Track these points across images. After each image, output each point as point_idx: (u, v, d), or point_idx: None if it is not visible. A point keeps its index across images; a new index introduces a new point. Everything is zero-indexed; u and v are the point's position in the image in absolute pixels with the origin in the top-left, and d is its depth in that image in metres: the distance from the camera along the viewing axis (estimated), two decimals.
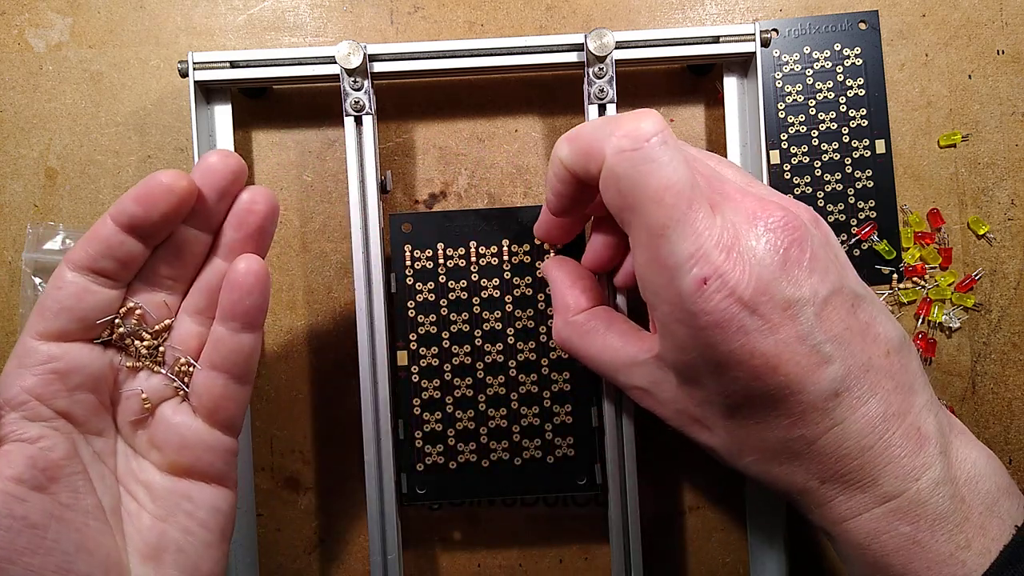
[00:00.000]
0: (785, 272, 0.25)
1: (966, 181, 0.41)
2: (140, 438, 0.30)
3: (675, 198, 0.25)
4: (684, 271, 0.25)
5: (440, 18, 0.41)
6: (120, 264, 0.28)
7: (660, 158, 0.25)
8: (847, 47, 0.40)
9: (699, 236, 0.25)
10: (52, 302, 0.27)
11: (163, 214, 0.28)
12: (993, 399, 0.40)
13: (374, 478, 0.35)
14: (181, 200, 0.28)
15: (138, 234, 0.28)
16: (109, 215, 0.28)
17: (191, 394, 0.30)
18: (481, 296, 0.37)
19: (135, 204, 0.27)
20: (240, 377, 0.30)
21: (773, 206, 0.26)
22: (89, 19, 0.40)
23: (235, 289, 0.29)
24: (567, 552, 0.40)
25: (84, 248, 0.28)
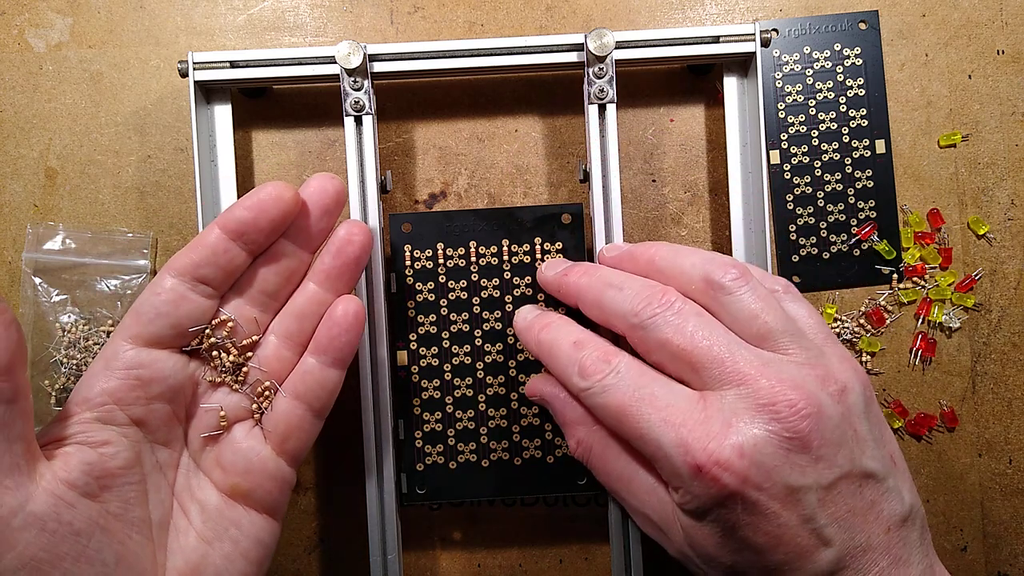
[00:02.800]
0: (789, 461, 0.25)
1: (966, 181, 0.41)
2: (207, 455, 0.30)
3: (636, 411, 0.27)
4: (676, 459, 0.26)
5: (440, 18, 0.41)
6: (222, 272, 0.28)
7: (609, 386, 0.28)
8: (847, 47, 0.40)
9: (678, 428, 0.26)
10: (149, 307, 0.28)
11: (271, 220, 0.28)
12: (993, 399, 0.40)
13: (374, 478, 0.35)
14: (289, 209, 0.29)
15: (244, 241, 0.28)
16: (217, 223, 0.28)
17: (265, 419, 0.30)
18: (481, 296, 0.37)
19: (245, 211, 0.28)
20: (318, 411, 0.31)
21: (786, 387, 0.26)
22: (89, 19, 0.40)
23: (336, 325, 0.30)
24: (567, 552, 0.40)
25: (188, 255, 0.28)
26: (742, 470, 0.25)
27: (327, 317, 0.30)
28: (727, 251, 0.40)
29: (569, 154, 0.41)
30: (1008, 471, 0.40)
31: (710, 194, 0.41)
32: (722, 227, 0.40)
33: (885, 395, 0.40)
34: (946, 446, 0.40)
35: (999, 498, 0.40)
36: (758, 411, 0.26)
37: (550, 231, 0.37)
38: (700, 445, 0.25)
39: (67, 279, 0.40)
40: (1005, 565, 0.40)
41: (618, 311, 0.29)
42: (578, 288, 0.32)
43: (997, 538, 0.40)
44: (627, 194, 0.41)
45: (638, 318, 0.28)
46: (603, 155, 0.36)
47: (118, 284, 0.40)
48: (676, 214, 0.41)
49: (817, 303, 0.41)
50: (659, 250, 0.31)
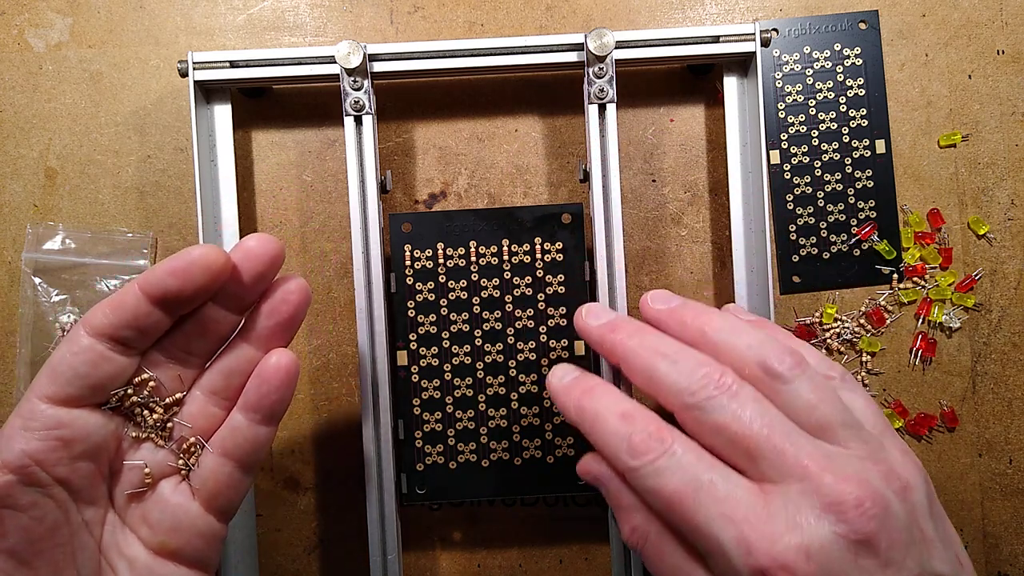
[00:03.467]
0: (857, 565, 0.23)
1: (966, 181, 0.41)
2: (133, 511, 0.28)
3: (693, 501, 0.25)
4: (737, 560, 0.24)
5: (440, 18, 0.41)
6: (142, 334, 0.27)
7: (663, 468, 0.26)
8: (847, 47, 0.40)
9: (739, 524, 0.24)
10: (66, 367, 0.26)
11: (197, 288, 0.27)
12: (993, 399, 0.40)
13: (374, 478, 0.35)
14: (216, 276, 0.27)
15: (166, 307, 0.27)
16: (139, 286, 0.26)
17: (193, 476, 0.29)
18: (481, 296, 0.37)
19: (170, 277, 0.26)
20: (248, 468, 0.29)
21: (852, 487, 0.24)
22: (89, 19, 0.40)
23: (264, 383, 0.28)
24: (567, 552, 0.40)
25: (106, 315, 0.26)
26: (809, 574, 0.23)
27: (257, 372, 0.29)
28: (727, 251, 0.40)
29: (569, 154, 0.41)
30: (1008, 471, 0.40)
31: (710, 194, 0.41)
32: (722, 227, 0.40)
33: (885, 395, 0.40)
34: (946, 446, 0.40)
35: (999, 498, 0.40)
36: (824, 509, 0.24)
37: (550, 231, 0.37)
38: (764, 546, 0.23)
39: (67, 279, 0.40)
40: (1005, 565, 0.40)
41: (672, 387, 0.27)
42: (625, 351, 0.29)
43: (997, 538, 0.40)
44: (627, 194, 0.41)
45: (694, 398, 0.26)
46: (603, 155, 0.36)
47: (118, 284, 0.40)
48: (676, 214, 0.41)
49: (817, 303, 0.41)
50: (712, 322, 0.29)
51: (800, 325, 0.40)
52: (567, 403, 0.30)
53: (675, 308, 0.30)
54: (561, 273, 0.37)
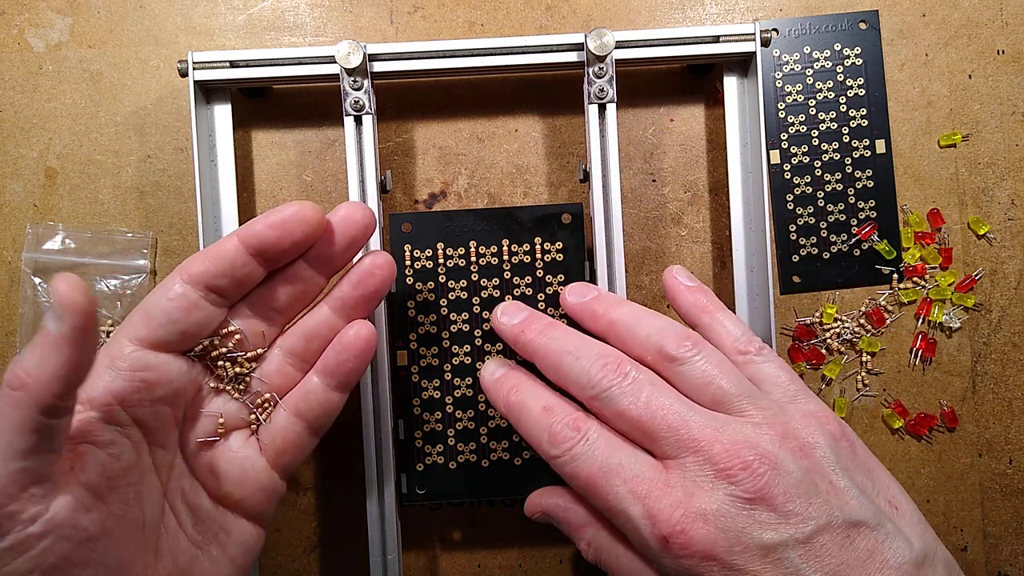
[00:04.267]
0: (755, 520, 0.25)
1: (966, 181, 0.41)
2: (201, 460, 0.29)
3: (605, 482, 0.27)
4: (645, 531, 0.26)
5: (440, 18, 0.41)
6: (236, 284, 0.28)
7: (578, 455, 0.28)
8: (847, 47, 0.40)
9: (644, 499, 0.26)
10: (159, 312, 0.27)
11: (294, 242, 0.28)
12: (993, 399, 0.40)
13: (374, 478, 0.35)
14: (313, 232, 0.28)
15: (263, 259, 0.28)
16: (238, 236, 0.28)
17: (262, 431, 0.30)
18: (481, 296, 0.37)
19: (269, 229, 0.27)
20: (316, 430, 0.31)
21: (740, 448, 0.26)
22: (89, 19, 0.40)
23: (345, 350, 0.30)
24: (567, 552, 0.40)
25: (204, 263, 0.27)
26: (708, 536, 0.25)
27: (337, 340, 0.30)
28: (727, 251, 0.40)
29: (569, 154, 0.41)
30: (1008, 471, 0.40)
31: (710, 194, 0.41)
32: (722, 227, 0.40)
33: (885, 395, 0.40)
34: (946, 446, 0.40)
35: (999, 498, 0.40)
36: (716, 476, 0.26)
37: (550, 231, 0.37)
38: (665, 516, 0.26)
39: None
40: (1005, 565, 0.40)
41: (575, 381, 0.30)
42: (535, 348, 0.32)
43: (997, 538, 0.40)
44: (627, 194, 0.41)
45: (594, 389, 0.29)
46: (603, 155, 0.36)
47: (118, 284, 0.40)
48: (676, 214, 0.41)
49: (817, 303, 0.41)
50: (619, 315, 0.31)
51: (800, 325, 0.40)
52: (497, 398, 0.32)
53: (587, 301, 0.33)
54: (561, 273, 0.37)
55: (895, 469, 0.40)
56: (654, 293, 0.40)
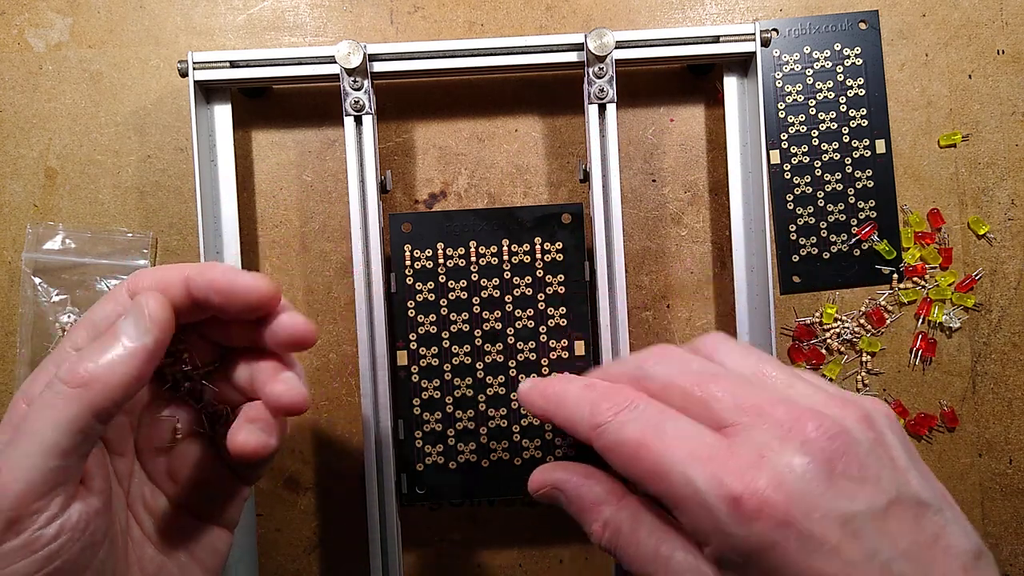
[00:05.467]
0: (833, 485, 0.23)
1: (966, 181, 0.41)
2: (159, 466, 0.29)
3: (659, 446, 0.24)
4: (710, 495, 0.23)
5: (440, 18, 0.41)
6: (183, 312, 0.27)
7: (626, 421, 0.26)
8: (847, 47, 0.40)
9: (707, 463, 0.23)
10: (107, 324, 0.26)
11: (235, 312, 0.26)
12: (993, 399, 0.40)
13: (374, 478, 0.35)
14: (258, 310, 0.26)
15: (202, 308, 0.27)
16: (187, 278, 0.26)
17: (220, 440, 0.29)
18: (481, 296, 0.37)
19: (215, 294, 0.26)
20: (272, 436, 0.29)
21: (807, 414, 0.24)
22: (89, 19, 0.40)
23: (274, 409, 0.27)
24: (567, 552, 0.40)
25: (151, 286, 0.26)
26: (784, 499, 0.22)
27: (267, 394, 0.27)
28: (727, 251, 0.40)
29: (569, 154, 0.41)
30: (1008, 471, 0.40)
31: (710, 194, 0.41)
32: (722, 227, 0.40)
33: (885, 395, 0.40)
34: (946, 446, 0.40)
35: (999, 498, 0.40)
36: (786, 438, 0.23)
37: (550, 231, 0.37)
38: (735, 477, 0.23)
39: (67, 279, 0.40)
40: (1005, 565, 0.40)
41: (620, 372, 0.28)
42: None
43: (997, 538, 0.40)
44: (627, 194, 0.41)
45: (641, 369, 0.27)
46: (603, 155, 0.36)
47: (118, 284, 0.40)
48: (676, 214, 0.41)
49: (817, 303, 0.41)
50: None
51: (800, 325, 0.40)
52: (533, 396, 0.29)
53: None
54: (561, 273, 0.37)
55: None
56: (654, 293, 0.40)
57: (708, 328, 0.40)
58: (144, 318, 0.24)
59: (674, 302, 0.40)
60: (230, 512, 0.30)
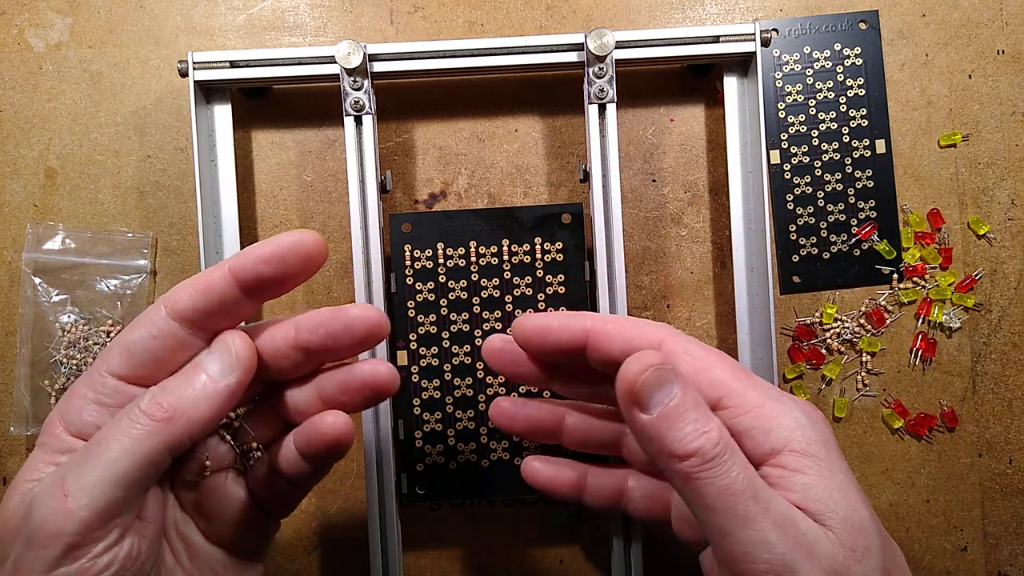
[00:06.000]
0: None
1: (966, 181, 0.41)
2: (189, 498, 0.28)
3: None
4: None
5: (440, 18, 0.41)
6: (225, 318, 0.26)
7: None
8: (847, 47, 0.40)
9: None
10: (142, 350, 0.25)
11: (290, 278, 0.26)
12: (993, 399, 0.40)
13: (374, 478, 0.35)
14: (312, 266, 0.26)
15: (255, 295, 0.26)
16: (229, 268, 0.25)
17: (250, 476, 0.29)
18: (481, 296, 0.37)
19: (264, 264, 0.25)
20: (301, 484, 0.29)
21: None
22: (89, 19, 0.40)
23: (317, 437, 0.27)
24: (567, 552, 0.40)
25: (191, 298, 0.25)
26: None
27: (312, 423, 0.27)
28: (727, 251, 0.40)
29: (569, 154, 0.41)
30: (1008, 471, 0.40)
31: (710, 194, 0.41)
32: (722, 227, 0.40)
33: (885, 395, 0.40)
34: (946, 446, 0.40)
35: (999, 498, 0.40)
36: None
37: (550, 231, 0.37)
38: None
39: (67, 279, 0.40)
40: (1005, 565, 0.40)
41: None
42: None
43: (997, 538, 0.40)
44: (627, 194, 0.41)
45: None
46: (603, 155, 0.36)
47: (118, 284, 0.40)
48: (676, 214, 0.41)
49: (817, 303, 0.41)
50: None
51: (800, 325, 0.40)
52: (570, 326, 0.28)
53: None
54: (561, 273, 0.37)
55: (895, 469, 0.40)
56: (654, 293, 0.40)
57: (708, 328, 0.40)
58: (231, 357, 0.24)
59: (674, 302, 0.40)
60: (257, 548, 0.29)
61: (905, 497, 0.40)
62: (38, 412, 0.39)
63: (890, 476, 0.40)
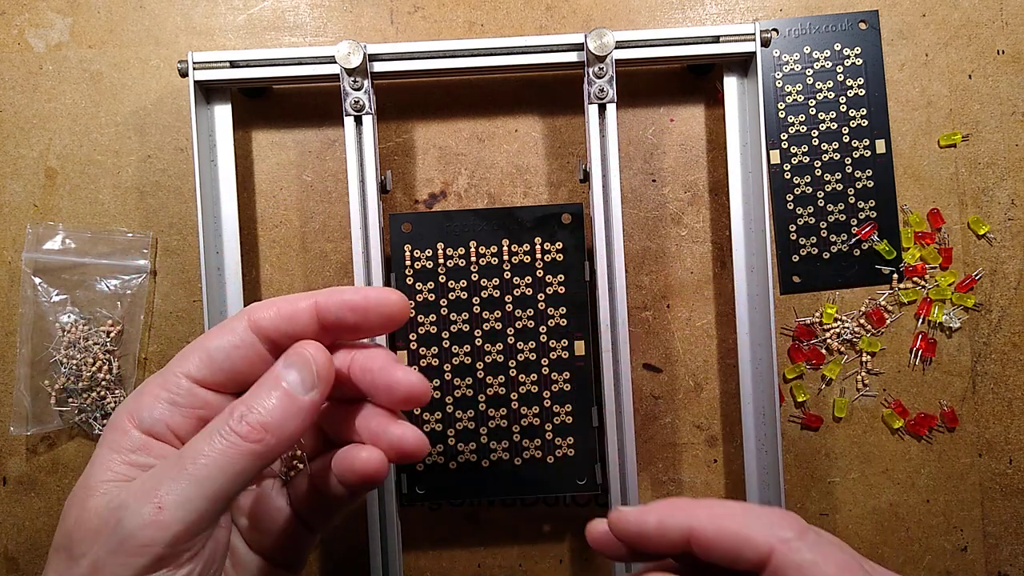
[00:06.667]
0: None
1: (966, 181, 0.41)
2: (235, 504, 0.29)
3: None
4: None
5: (440, 18, 0.41)
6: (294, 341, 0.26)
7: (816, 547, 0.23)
8: (847, 47, 0.40)
9: None
10: (223, 357, 0.26)
11: (369, 330, 0.26)
12: (993, 399, 0.40)
13: None
14: (391, 324, 0.26)
15: (331, 333, 0.26)
16: (317, 305, 0.26)
17: (292, 489, 0.29)
18: (481, 296, 0.37)
19: (351, 312, 0.26)
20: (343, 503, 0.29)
21: None
22: (89, 19, 0.40)
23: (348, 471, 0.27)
24: (567, 552, 0.40)
25: (274, 320, 0.26)
26: None
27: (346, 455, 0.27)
28: (727, 251, 0.40)
29: (569, 154, 0.41)
30: (1008, 471, 0.40)
31: (710, 194, 0.41)
32: (722, 227, 0.40)
33: (885, 395, 0.40)
34: (946, 446, 0.40)
35: (999, 498, 0.40)
36: None
37: (550, 231, 0.37)
38: None
39: (67, 279, 0.40)
40: (1005, 565, 0.40)
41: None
42: None
43: (997, 538, 0.40)
44: (627, 194, 0.41)
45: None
46: (603, 155, 0.36)
47: (118, 284, 0.40)
48: (676, 214, 0.41)
49: (817, 303, 0.41)
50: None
51: (800, 325, 0.40)
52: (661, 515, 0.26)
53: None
54: (561, 273, 0.37)
55: (895, 469, 0.40)
56: (654, 293, 0.40)
57: (708, 328, 0.40)
58: (311, 372, 0.24)
59: (674, 302, 0.40)
60: (296, 558, 0.29)
61: (905, 497, 0.40)
62: (38, 412, 0.39)
63: (890, 476, 0.40)
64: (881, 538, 0.40)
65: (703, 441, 0.40)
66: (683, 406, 0.40)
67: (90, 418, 0.39)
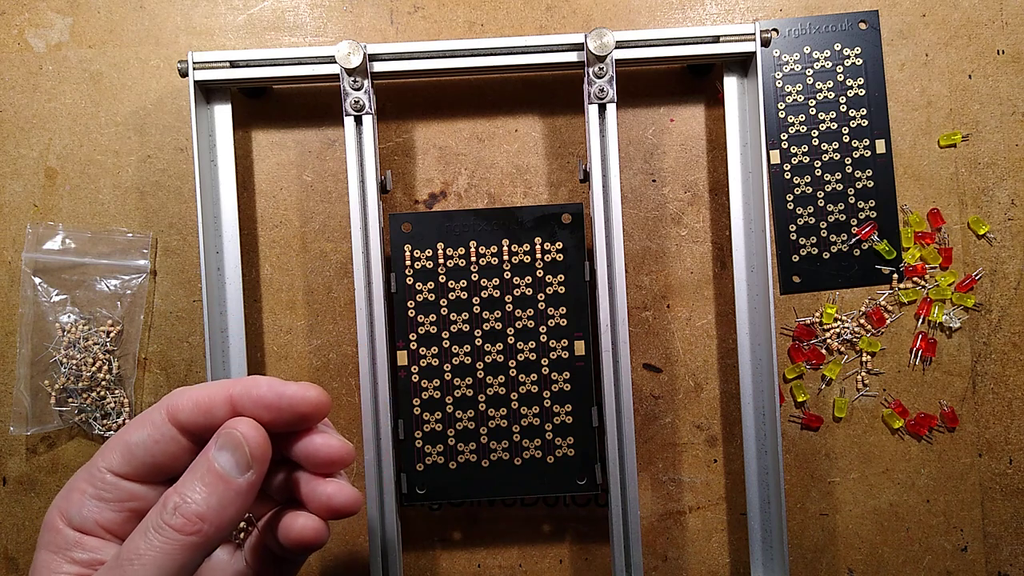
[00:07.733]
0: None
1: (966, 181, 0.41)
2: None
3: None
4: None
5: (440, 18, 0.41)
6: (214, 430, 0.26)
7: None
8: (847, 47, 0.40)
9: None
10: (143, 452, 0.25)
11: (285, 425, 0.26)
12: (993, 399, 0.40)
13: (374, 478, 0.35)
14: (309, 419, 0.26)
15: None
16: (232, 397, 0.26)
17: (246, 547, 0.29)
18: (481, 296, 0.37)
19: (265, 411, 0.25)
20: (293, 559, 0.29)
21: None
22: (89, 19, 0.40)
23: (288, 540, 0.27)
24: (567, 552, 0.40)
25: (194, 414, 0.26)
26: None
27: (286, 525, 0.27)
28: (727, 251, 0.40)
29: (569, 154, 0.41)
30: (1008, 471, 0.40)
31: (710, 194, 0.41)
32: (722, 227, 0.40)
33: (885, 395, 0.40)
34: (946, 446, 0.40)
35: (999, 498, 0.40)
36: None
37: (550, 231, 0.37)
38: None
39: (67, 279, 0.40)
40: (1005, 565, 0.40)
41: None
42: None
43: (997, 538, 0.40)
44: (627, 194, 0.41)
45: None
46: (603, 155, 0.36)
47: (118, 284, 0.40)
48: (676, 214, 0.41)
49: (817, 303, 0.41)
50: None
51: (800, 325, 0.40)
52: None
53: None
54: (561, 273, 0.37)
55: (895, 469, 0.40)
56: (654, 293, 0.40)
57: (708, 328, 0.40)
58: (244, 453, 0.24)
59: (674, 302, 0.40)
60: None
61: (905, 497, 0.40)
62: (38, 412, 0.39)
63: (890, 476, 0.40)
64: (881, 538, 0.40)
65: (703, 441, 0.40)
66: (683, 406, 0.40)
67: (90, 418, 0.39)
